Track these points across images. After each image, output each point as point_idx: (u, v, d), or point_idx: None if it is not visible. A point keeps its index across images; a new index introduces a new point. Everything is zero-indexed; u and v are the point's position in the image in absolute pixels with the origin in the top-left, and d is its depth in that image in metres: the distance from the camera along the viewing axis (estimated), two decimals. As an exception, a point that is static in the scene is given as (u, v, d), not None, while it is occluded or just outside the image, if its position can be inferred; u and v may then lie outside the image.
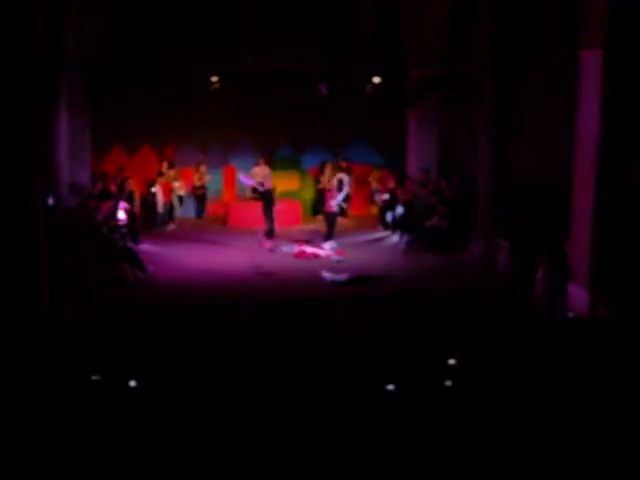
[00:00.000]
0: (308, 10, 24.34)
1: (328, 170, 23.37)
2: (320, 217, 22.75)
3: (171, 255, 19.38)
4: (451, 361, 11.47)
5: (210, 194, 24.76)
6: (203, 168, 24.08)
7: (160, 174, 23.29)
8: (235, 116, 24.27)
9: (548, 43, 17.49)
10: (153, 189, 22.42)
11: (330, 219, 20.55)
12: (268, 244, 20.28)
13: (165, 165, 23.64)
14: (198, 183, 24.20)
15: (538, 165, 17.90)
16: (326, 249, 19.83)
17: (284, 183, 24.65)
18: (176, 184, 23.51)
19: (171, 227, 22.99)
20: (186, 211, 24.01)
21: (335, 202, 20.60)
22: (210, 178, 24.50)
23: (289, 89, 23.41)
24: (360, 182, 25.15)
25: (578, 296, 14.45)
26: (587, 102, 14.32)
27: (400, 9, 22.40)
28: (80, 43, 18.41)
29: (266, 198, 20.90)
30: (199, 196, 24.34)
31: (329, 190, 21.05)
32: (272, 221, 20.70)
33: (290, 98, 23.81)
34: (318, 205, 24.00)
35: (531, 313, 14.71)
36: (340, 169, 24.49)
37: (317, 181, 24.38)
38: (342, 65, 21.90)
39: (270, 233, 20.58)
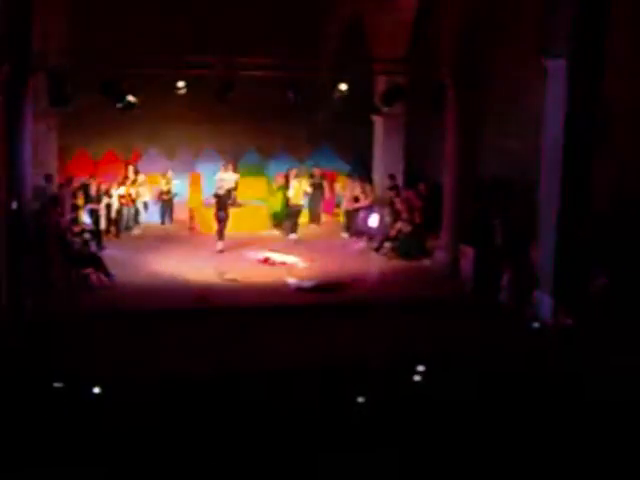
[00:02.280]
0: (276, 16, 24.30)
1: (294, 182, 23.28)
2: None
3: (135, 260, 19.21)
4: (420, 368, 11.47)
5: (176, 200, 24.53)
6: (170, 174, 23.89)
7: (127, 180, 23.08)
8: (201, 121, 24.15)
9: (514, 52, 17.59)
10: (110, 196, 22.16)
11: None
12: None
13: (131, 170, 23.42)
14: (165, 189, 23.99)
15: (503, 172, 17.98)
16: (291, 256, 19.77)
17: (250, 189, 24.54)
18: (141, 189, 23.29)
19: (136, 232, 22.75)
20: (151, 217, 23.75)
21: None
22: (175, 184, 24.27)
23: (256, 95, 23.32)
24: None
25: (543, 303, 14.52)
26: (552, 110, 14.41)
27: (365, 15, 22.39)
28: (45, 46, 18.20)
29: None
30: (165, 202, 24.12)
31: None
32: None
33: (257, 104, 23.72)
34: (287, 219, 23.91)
35: (495, 320, 14.76)
36: (312, 177, 24.46)
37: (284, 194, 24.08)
38: (309, 71, 21.83)
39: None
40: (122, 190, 22.52)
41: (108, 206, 22.15)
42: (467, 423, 9.83)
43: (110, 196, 21.97)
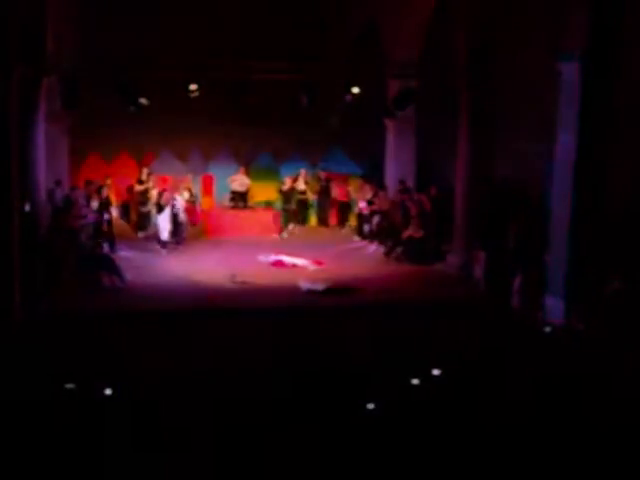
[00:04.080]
0: (289, 20, 24.34)
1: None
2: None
3: (148, 262, 19.27)
4: (435, 372, 11.45)
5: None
6: (188, 178, 23.85)
7: (140, 182, 23.12)
8: (214, 124, 24.20)
9: (527, 55, 17.56)
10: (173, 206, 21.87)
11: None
12: None
13: (145, 172, 23.46)
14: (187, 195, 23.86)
15: (516, 176, 17.94)
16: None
17: (262, 193, 24.60)
18: (154, 192, 23.30)
19: (141, 234, 22.75)
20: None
21: None
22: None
23: (269, 99, 23.38)
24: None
25: (554, 307, 14.48)
26: (565, 113, 14.37)
27: (379, 20, 22.41)
28: (58, 50, 18.29)
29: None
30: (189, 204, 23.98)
31: None
32: None
33: (270, 107, 23.77)
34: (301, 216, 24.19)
35: (507, 323, 14.73)
36: (319, 180, 24.61)
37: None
38: (322, 75, 21.89)
39: None
40: (186, 196, 22.46)
41: (124, 208, 21.97)
42: (479, 427, 9.81)
43: (173, 206, 21.41)
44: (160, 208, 21.02)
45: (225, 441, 9.38)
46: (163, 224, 20.77)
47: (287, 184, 23.98)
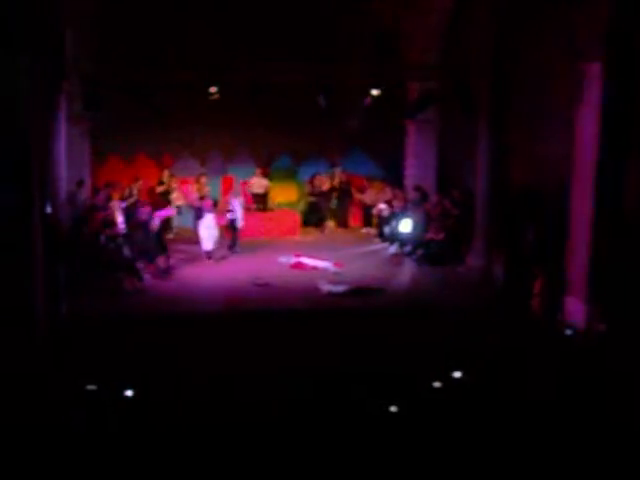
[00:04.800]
0: (308, 22, 24.37)
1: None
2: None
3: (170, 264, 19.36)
4: (456, 374, 11.48)
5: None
6: (204, 180, 23.99)
7: (161, 183, 23.28)
8: (233, 126, 24.29)
9: (547, 56, 17.53)
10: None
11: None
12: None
13: (166, 174, 23.63)
14: (198, 194, 24.07)
15: (536, 178, 17.91)
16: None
17: (282, 194, 24.68)
18: (174, 194, 23.48)
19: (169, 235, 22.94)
20: (185, 221, 23.85)
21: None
22: (209, 189, 24.42)
23: (288, 100, 23.44)
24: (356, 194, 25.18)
25: (575, 309, 14.47)
26: (586, 114, 14.35)
27: (399, 22, 22.44)
28: (78, 52, 18.43)
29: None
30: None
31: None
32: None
33: (288, 109, 23.83)
34: (310, 216, 24.31)
35: (528, 326, 14.72)
36: (338, 181, 24.73)
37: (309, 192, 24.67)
38: (341, 77, 21.90)
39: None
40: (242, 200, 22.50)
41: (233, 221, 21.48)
42: (500, 429, 9.84)
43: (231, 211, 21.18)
44: (199, 214, 20.48)
45: (247, 443, 9.46)
46: (207, 232, 20.04)
47: (326, 183, 24.18)
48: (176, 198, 23.61)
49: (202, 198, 21.11)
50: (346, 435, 9.66)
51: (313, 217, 24.80)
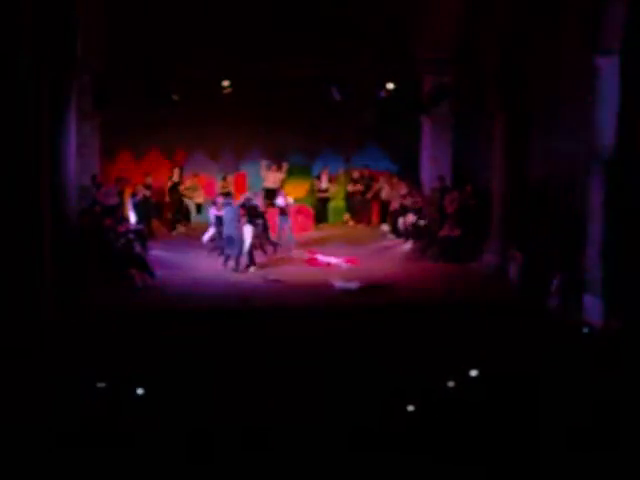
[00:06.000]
0: (321, 16, 24.35)
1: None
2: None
3: (180, 261, 19.42)
4: (473, 373, 11.45)
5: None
6: (230, 179, 24.03)
7: (175, 183, 23.34)
8: (247, 121, 24.30)
9: (563, 50, 17.47)
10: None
11: None
12: None
13: (177, 172, 23.67)
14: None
15: (553, 174, 17.86)
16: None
17: (294, 190, 24.68)
18: (195, 193, 23.62)
19: (180, 229, 23.01)
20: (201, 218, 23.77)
21: None
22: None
23: (301, 95, 23.44)
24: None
25: (592, 307, 14.43)
26: (604, 108, 14.28)
27: (413, 15, 22.41)
28: (89, 46, 18.48)
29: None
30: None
31: None
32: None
33: (302, 103, 23.83)
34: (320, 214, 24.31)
35: (544, 324, 14.68)
36: (352, 179, 24.69)
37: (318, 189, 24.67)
38: (355, 70, 21.91)
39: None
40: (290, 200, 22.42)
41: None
42: (520, 430, 9.83)
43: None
44: (254, 216, 19.53)
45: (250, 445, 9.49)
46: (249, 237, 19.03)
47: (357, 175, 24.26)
48: (197, 196, 23.76)
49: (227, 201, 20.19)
50: (361, 436, 9.65)
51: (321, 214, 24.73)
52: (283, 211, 20.78)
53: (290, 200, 21.26)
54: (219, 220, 19.65)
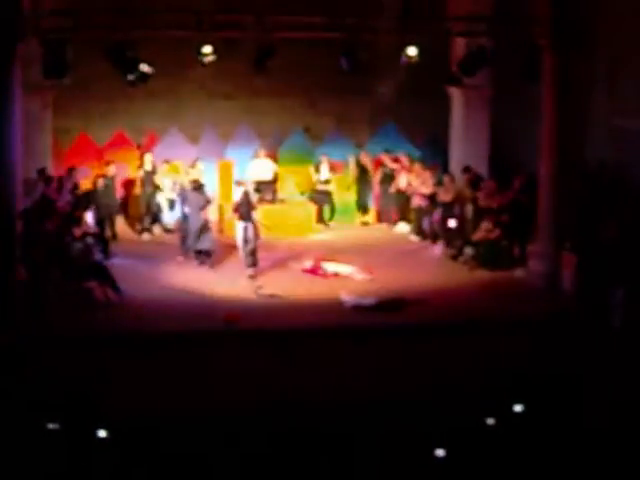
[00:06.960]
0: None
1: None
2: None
3: (150, 271, 19.47)
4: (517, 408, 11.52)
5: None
6: (200, 165, 23.98)
7: (147, 173, 23.26)
8: (234, 96, 24.35)
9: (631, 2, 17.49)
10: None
11: None
12: None
13: (149, 159, 23.52)
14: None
15: (616, 159, 17.90)
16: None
17: (295, 180, 24.72)
18: (166, 182, 23.38)
19: (146, 236, 23.00)
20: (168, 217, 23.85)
21: None
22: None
23: (301, 62, 23.49)
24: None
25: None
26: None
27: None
28: (38, 6, 18.54)
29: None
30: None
31: None
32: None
33: (303, 74, 23.88)
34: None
35: (605, 346, 14.72)
36: (358, 166, 24.69)
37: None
38: (369, 32, 21.93)
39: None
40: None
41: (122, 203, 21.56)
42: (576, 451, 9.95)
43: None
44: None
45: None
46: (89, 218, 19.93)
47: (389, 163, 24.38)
48: (170, 188, 23.63)
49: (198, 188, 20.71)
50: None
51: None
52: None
53: None
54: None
